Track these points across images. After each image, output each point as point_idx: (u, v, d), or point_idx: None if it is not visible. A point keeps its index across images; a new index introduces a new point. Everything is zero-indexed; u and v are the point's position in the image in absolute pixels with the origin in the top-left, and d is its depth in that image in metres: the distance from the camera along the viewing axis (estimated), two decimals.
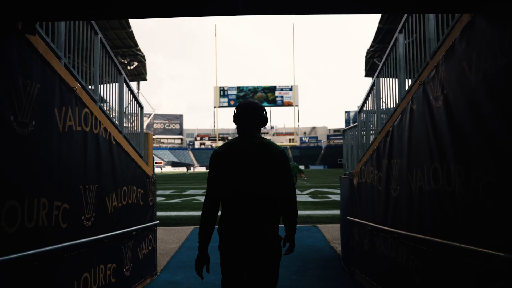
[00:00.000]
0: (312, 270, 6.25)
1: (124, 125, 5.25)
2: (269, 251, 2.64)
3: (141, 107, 6.06)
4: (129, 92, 5.57)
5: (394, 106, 4.62)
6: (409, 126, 3.82)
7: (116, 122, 5.02)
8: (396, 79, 4.62)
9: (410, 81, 4.29)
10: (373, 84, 5.48)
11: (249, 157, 2.67)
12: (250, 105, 2.84)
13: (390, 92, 4.88)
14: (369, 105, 5.85)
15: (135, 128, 5.94)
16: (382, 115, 5.32)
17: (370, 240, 5.06)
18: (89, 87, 4.23)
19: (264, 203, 2.65)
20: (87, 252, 3.79)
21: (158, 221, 6.15)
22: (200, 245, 2.73)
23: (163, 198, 19.18)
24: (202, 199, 18.52)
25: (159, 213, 13.35)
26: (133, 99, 5.77)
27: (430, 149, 3.31)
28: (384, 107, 5.18)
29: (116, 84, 5.14)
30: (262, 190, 2.64)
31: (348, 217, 6.07)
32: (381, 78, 5.24)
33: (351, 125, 7.01)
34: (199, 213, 13.27)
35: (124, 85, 5.31)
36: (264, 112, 2.86)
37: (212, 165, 2.74)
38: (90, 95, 4.10)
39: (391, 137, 4.37)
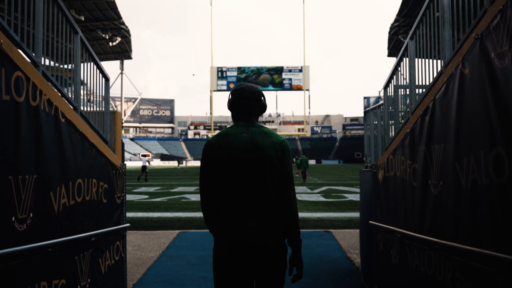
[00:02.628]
0: (324, 287, 5.87)
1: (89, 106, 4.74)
2: (271, 261, 2.74)
3: (107, 78, 5.60)
4: (89, 57, 5.06)
5: (435, 75, 4.13)
6: (458, 99, 3.33)
7: (70, 95, 4.51)
8: (433, 54, 4.12)
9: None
10: (405, 48, 4.98)
11: (247, 150, 2.77)
12: (247, 90, 2.93)
13: (427, 59, 4.40)
14: (399, 78, 5.38)
15: (99, 106, 5.46)
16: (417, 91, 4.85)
17: (400, 252, 4.69)
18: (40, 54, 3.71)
19: (265, 200, 2.75)
20: (20, 265, 3.28)
21: (128, 224, 5.73)
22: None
23: (146, 196, 18.99)
24: (192, 197, 18.36)
25: (139, 214, 13.12)
26: (95, 67, 5.26)
27: (490, 128, 2.81)
28: (420, 80, 4.71)
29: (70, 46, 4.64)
30: (262, 186, 2.75)
31: (370, 221, 5.77)
32: (416, 40, 4.75)
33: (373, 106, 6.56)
34: (187, 214, 13.08)
35: (81, 47, 4.79)
36: (263, 98, 2.98)
37: (204, 159, 2.86)
38: (28, 55, 3.59)
39: (431, 115, 3.91)
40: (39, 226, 3.53)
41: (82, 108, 4.90)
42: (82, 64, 4.95)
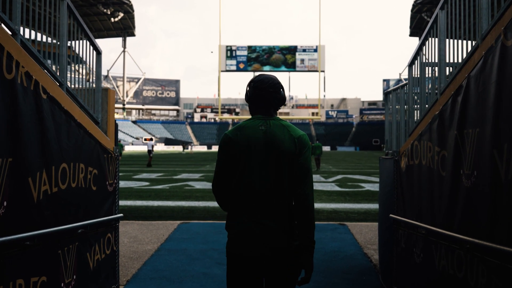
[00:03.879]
0: (338, 287, 5.72)
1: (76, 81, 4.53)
2: (286, 257, 2.82)
3: (98, 52, 5.39)
4: (77, 26, 4.83)
5: (470, 49, 3.87)
6: (499, 75, 3.08)
7: (54, 68, 4.29)
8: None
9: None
10: (435, 20, 4.73)
11: (265, 144, 2.84)
12: (266, 81, 2.99)
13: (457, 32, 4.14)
14: (427, 54, 5.17)
15: (90, 82, 5.26)
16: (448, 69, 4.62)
17: (425, 250, 4.52)
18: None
19: (282, 196, 2.83)
20: None
21: (121, 214, 5.56)
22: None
23: (147, 183, 18.97)
24: (197, 185, 18.31)
25: (137, 203, 13.08)
26: (85, 38, 5.04)
27: None
28: (451, 57, 4.48)
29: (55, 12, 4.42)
30: (280, 182, 2.82)
31: (390, 215, 5.59)
32: (448, 10, 4.49)
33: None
34: (190, 203, 12.98)
35: (67, 14, 4.56)
36: (282, 90, 3.04)
37: (221, 153, 2.94)
38: (3, 21, 3.37)
39: (464, 94, 3.67)
40: (15, 216, 3.35)
41: (69, 84, 4.69)
42: (69, 35, 4.72)
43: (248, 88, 3.03)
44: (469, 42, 4.07)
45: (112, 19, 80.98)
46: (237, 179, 2.86)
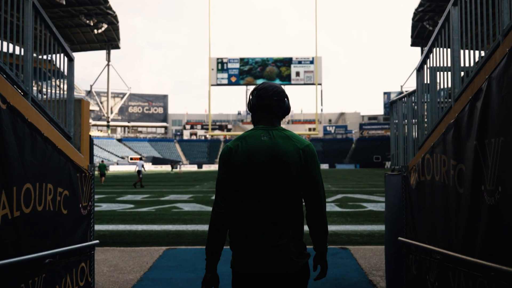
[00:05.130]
0: None
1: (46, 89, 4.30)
2: (294, 273, 2.86)
3: (70, 58, 5.21)
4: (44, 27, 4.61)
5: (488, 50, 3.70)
6: None
7: (16, 76, 4.05)
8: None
9: None
10: (446, 18, 4.62)
11: (268, 155, 2.86)
12: (270, 90, 3.02)
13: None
14: (436, 58, 5.07)
15: (61, 92, 5.04)
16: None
17: (440, 278, 4.41)
18: None
19: (287, 212, 2.86)
20: None
21: (97, 241, 5.39)
22: (208, 263, 2.95)
23: (131, 206, 18.75)
24: (185, 207, 18.10)
25: (120, 227, 12.87)
26: (55, 42, 4.83)
27: None
28: (465, 59, 4.36)
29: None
30: (284, 196, 2.85)
31: (399, 238, 5.52)
32: (461, 6, 4.39)
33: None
34: (177, 226, 12.77)
35: (33, 15, 4.34)
36: (287, 99, 3.08)
37: (221, 166, 2.96)
38: None
39: (485, 99, 3.53)
40: None
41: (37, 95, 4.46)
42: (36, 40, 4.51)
43: (251, 97, 3.06)
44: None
45: (96, 31, 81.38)
46: (240, 193, 2.87)
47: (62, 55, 5.11)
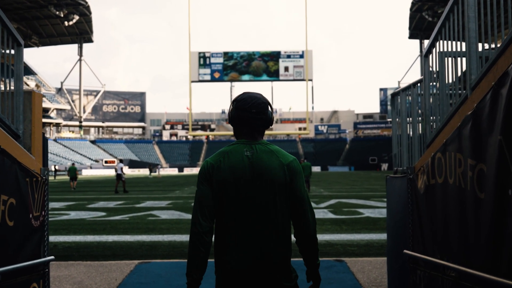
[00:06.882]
0: None
1: None
2: None
3: (18, 43, 4.89)
4: None
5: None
6: None
7: None
8: None
9: None
10: None
11: (252, 172, 2.93)
12: (249, 102, 3.06)
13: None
14: (446, 43, 4.86)
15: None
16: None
17: None
18: None
19: (274, 231, 2.92)
20: None
21: (51, 257, 5.10)
22: (189, 285, 2.93)
23: (103, 214, 18.56)
24: (162, 214, 17.98)
25: (88, 238, 12.68)
26: None
27: None
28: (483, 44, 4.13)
29: None
30: (270, 214, 2.92)
31: (405, 251, 5.31)
32: None
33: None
34: (153, 237, 12.57)
35: None
36: (269, 110, 3.13)
37: (202, 181, 3.00)
38: None
39: (510, 87, 3.26)
40: None
41: None
42: None
43: (231, 108, 3.11)
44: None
45: (66, 23, 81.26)
46: (222, 211, 2.93)
47: (8, 37, 4.79)
